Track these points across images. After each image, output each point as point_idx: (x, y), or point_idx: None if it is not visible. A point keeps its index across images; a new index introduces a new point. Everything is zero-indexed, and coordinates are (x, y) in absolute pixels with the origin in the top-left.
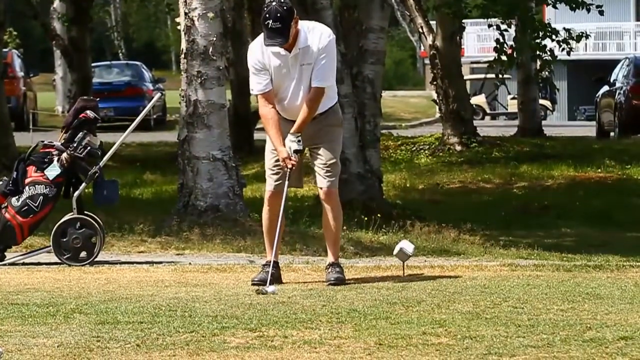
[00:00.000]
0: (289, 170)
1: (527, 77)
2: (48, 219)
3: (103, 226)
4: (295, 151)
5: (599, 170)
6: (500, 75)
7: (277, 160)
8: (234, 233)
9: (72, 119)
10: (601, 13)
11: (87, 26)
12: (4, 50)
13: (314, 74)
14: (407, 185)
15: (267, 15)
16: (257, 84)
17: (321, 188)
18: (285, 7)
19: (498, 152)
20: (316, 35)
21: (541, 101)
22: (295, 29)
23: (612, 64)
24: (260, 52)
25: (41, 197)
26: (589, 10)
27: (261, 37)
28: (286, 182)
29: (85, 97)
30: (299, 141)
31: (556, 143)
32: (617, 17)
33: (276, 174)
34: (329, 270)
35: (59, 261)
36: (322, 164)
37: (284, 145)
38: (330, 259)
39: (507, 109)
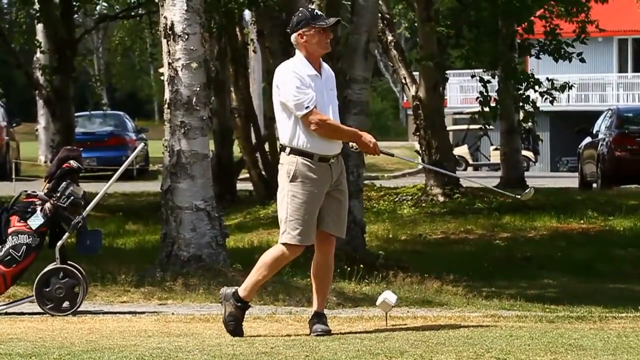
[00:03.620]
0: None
1: (509, 128)
2: (31, 268)
3: (86, 276)
4: None
5: (582, 221)
6: (483, 127)
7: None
8: (217, 283)
9: (55, 169)
10: (582, 60)
11: (70, 75)
12: None
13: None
14: (390, 235)
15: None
16: (311, 100)
17: (332, 235)
18: None
19: (481, 203)
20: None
21: (524, 152)
22: None
23: (594, 115)
24: (303, 71)
25: (24, 247)
26: (570, 60)
27: (295, 60)
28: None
29: (68, 147)
30: None
31: (539, 194)
32: (600, 68)
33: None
34: (315, 320)
35: (42, 311)
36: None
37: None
38: (315, 308)
39: (489, 160)
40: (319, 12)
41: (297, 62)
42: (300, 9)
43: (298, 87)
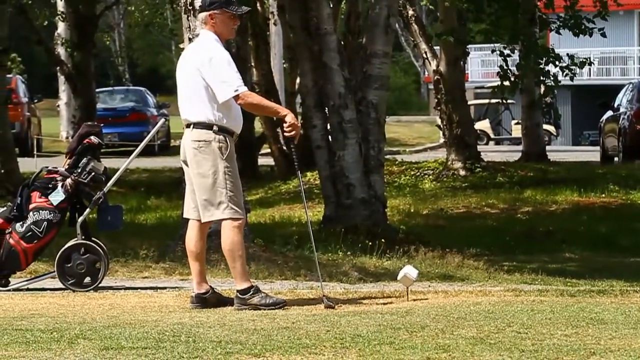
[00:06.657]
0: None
1: (531, 102)
2: (52, 244)
3: (107, 252)
4: None
5: (603, 195)
6: (504, 101)
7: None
8: None
9: (76, 145)
10: (603, 35)
11: (91, 52)
12: (8, 75)
13: None
14: (411, 210)
15: None
16: (241, 79)
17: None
18: None
19: (502, 177)
20: None
21: (545, 126)
22: None
23: (616, 89)
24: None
25: (45, 223)
26: (591, 35)
27: (215, 39)
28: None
29: (89, 123)
30: None
31: (560, 168)
32: (621, 42)
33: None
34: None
35: (63, 287)
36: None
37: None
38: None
39: (511, 134)
40: None
41: (217, 42)
42: None
43: (236, 70)
